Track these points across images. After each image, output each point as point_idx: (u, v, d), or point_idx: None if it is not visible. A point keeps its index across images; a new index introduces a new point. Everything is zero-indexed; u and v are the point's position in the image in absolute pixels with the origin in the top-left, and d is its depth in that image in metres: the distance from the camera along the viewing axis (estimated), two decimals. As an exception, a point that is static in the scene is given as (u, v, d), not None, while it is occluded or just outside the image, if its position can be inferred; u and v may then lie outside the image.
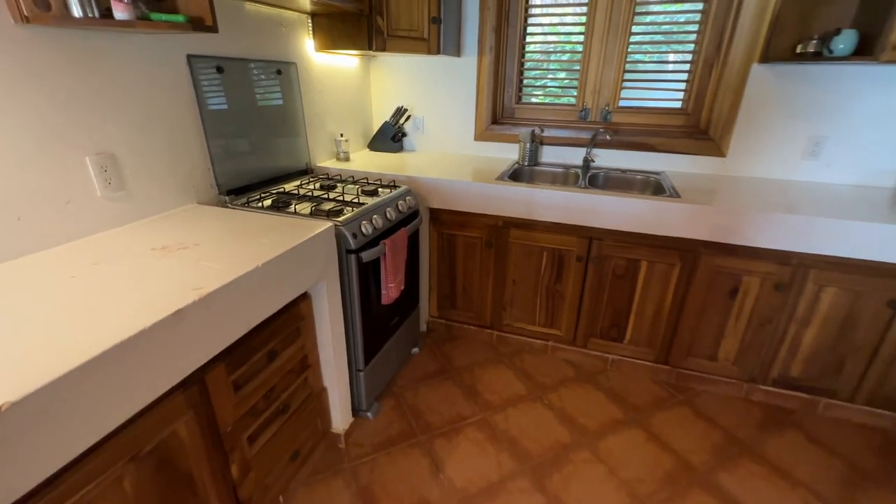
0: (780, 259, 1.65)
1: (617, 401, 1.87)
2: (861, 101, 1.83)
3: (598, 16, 2.13)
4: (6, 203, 1.03)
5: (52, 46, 1.07)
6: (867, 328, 1.64)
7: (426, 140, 2.59)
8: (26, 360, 0.69)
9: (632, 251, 1.84)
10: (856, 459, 1.60)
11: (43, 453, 0.67)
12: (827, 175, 1.97)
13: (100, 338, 0.75)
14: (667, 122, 2.21)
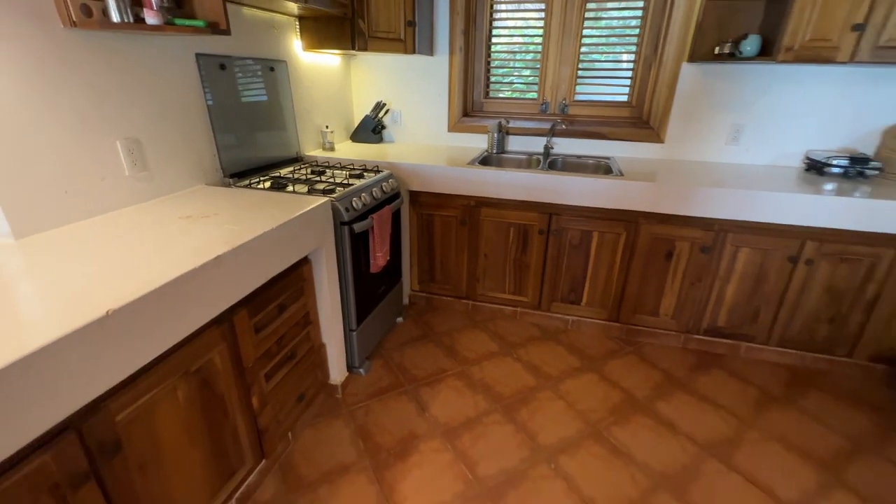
0: (705, 225, 1.98)
1: (575, 353, 2.17)
2: (770, 95, 2.19)
3: (554, 21, 2.42)
4: (56, 179, 1.22)
5: (90, 47, 1.26)
6: (774, 281, 2.00)
7: (404, 132, 2.83)
8: (115, 286, 0.91)
9: (585, 224, 2.14)
10: (767, 388, 1.95)
11: (132, 352, 0.89)
12: (746, 157, 2.33)
13: (165, 272, 0.97)
14: (615, 113, 2.53)
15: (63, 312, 0.81)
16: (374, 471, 1.51)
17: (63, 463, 0.81)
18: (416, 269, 2.53)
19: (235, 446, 1.30)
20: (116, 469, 0.93)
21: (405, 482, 1.47)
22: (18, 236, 1.15)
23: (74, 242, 1.15)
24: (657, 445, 1.64)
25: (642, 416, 1.78)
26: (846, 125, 2.17)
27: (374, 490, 1.44)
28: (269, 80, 1.99)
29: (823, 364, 2.08)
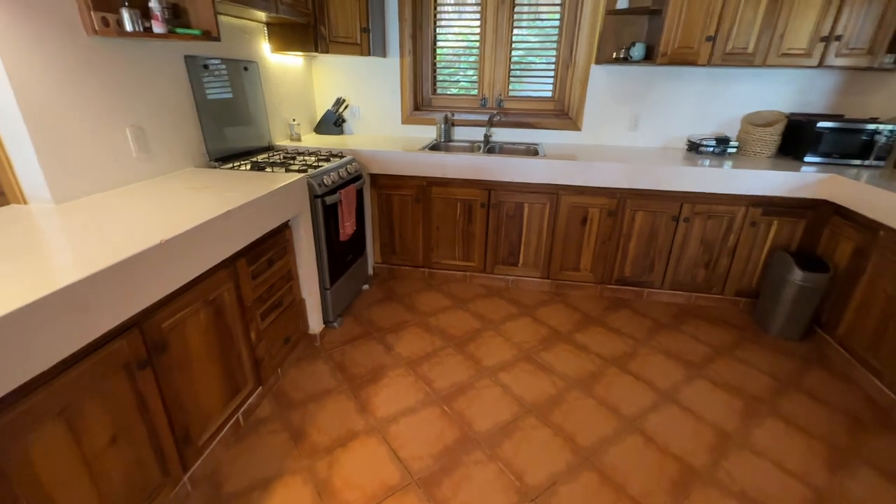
0: (610, 194, 2.50)
1: (514, 304, 2.63)
2: (656, 90, 2.75)
3: (488, 28, 2.87)
4: (81, 158, 1.50)
5: (106, 51, 1.55)
6: (663, 237, 2.54)
7: (362, 124, 3.19)
8: (156, 230, 1.24)
9: (518, 197, 2.60)
10: (659, 320, 2.49)
11: (172, 275, 1.22)
12: (643, 141, 2.89)
13: (191, 220, 1.30)
14: (541, 106, 3.02)
15: (128, 243, 1.14)
16: (351, 391, 1.89)
17: (132, 349, 1.14)
18: (377, 244, 2.90)
19: (240, 368, 1.64)
20: (163, 364, 1.25)
21: (377, 397, 1.86)
22: (58, 202, 1.44)
23: (106, 206, 1.44)
24: (573, 361, 2.12)
25: (564, 343, 2.26)
26: (715, 114, 2.76)
27: (353, 404, 1.82)
28: (244, 79, 2.30)
29: (703, 301, 2.66)
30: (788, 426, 1.75)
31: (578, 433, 1.69)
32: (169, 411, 1.29)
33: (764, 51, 2.32)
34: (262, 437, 1.65)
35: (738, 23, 2.28)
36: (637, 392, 1.92)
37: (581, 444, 1.64)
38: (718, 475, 1.52)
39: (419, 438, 1.65)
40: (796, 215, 2.36)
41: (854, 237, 2.10)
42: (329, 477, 1.49)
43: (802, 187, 2.29)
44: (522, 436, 1.67)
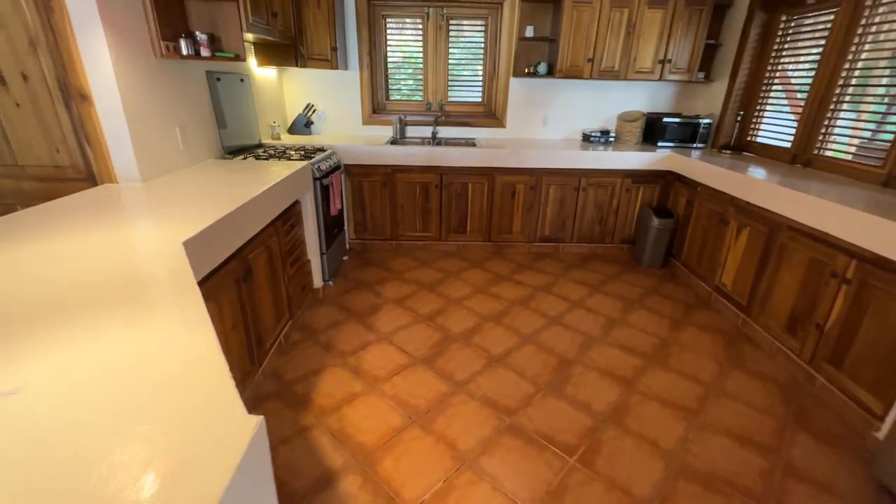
0: (530, 173, 3.37)
1: (466, 261, 3.42)
2: (559, 97, 3.70)
3: (429, 46, 3.63)
4: (152, 149, 2.01)
5: (164, 69, 2.06)
6: (569, 203, 3.48)
7: (328, 126, 3.79)
8: (231, 197, 1.82)
9: (463, 178, 3.39)
10: (570, 263, 3.42)
11: (249, 225, 1.81)
12: (551, 134, 3.83)
13: (253, 191, 1.90)
14: (475, 109, 3.85)
15: (221, 204, 1.72)
16: (358, 320, 2.53)
17: (238, 269, 1.72)
18: (351, 223, 3.52)
19: (280, 301, 2.22)
20: (250, 283, 1.84)
21: (379, 322, 2.52)
22: (143, 180, 1.94)
23: (178, 183, 1.97)
24: (513, 291, 2.94)
25: (506, 281, 3.08)
26: (599, 113, 3.78)
27: (362, 327, 2.47)
28: (242, 88, 2.83)
29: (600, 249, 3.65)
30: (651, 312, 2.72)
31: (523, 327, 2.50)
32: (254, 317, 1.87)
33: (625, 69, 3.34)
34: (301, 350, 2.25)
35: (607, 49, 3.28)
36: (557, 304, 2.79)
37: (524, 332, 2.45)
38: (607, 338, 2.41)
39: (415, 341, 2.36)
40: (653, 182, 3.42)
41: (686, 193, 3.16)
42: (358, 365, 2.14)
43: (656, 163, 3.34)
44: (485, 332, 2.45)
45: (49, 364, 0.73)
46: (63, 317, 0.88)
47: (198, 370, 0.73)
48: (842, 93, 2.51)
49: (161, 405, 0.65)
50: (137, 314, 0.89)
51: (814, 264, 2.06)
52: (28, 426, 0.60)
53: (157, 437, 0.59)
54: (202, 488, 0.51)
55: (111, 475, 0.53)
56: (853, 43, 2.43)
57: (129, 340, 0.80)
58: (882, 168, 2.27)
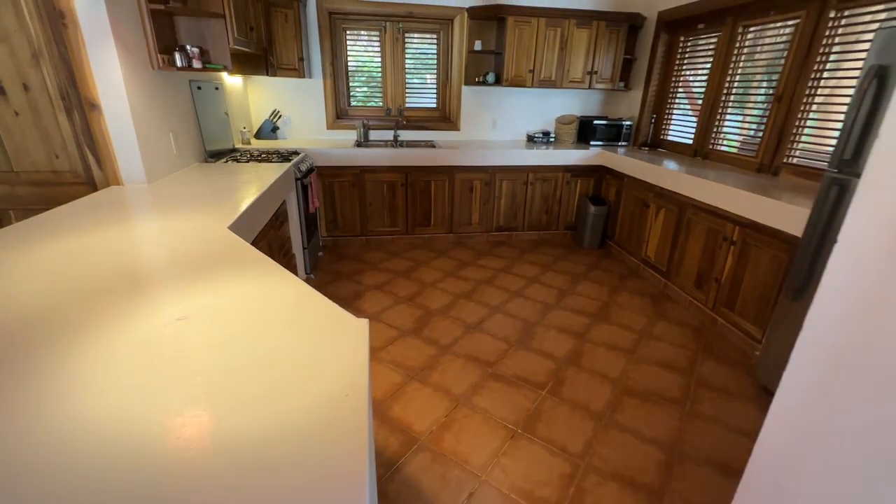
0: (485, 171, 3.81)
1: (433, 251, 3.78)
2: (506, 102, 4.18)
3: (387, 57, 3.96)
4: (153, 153, 2.17)
5: (160, 79, 2.23)
6: (519, 196, 3.96)
7: (293, 131, 3.99)
8: (238, 192, 2.05)
9: (426, 177, 3.75)
10: (524, 249, 3.90)
11: (264, 215, 2.06)
12: (500, 136, 4.31)
13: (254, 188, 2.14)
14: (431, 114, 4.23)
15: (242, 196, 1.95)
16: (346, 305, 2.78)
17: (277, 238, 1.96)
18: (324, 221, 3.76)
19: (278, 290, 2.45)
20: (259, 270, 2.07)
21: (365, 305, 2.82)
22: (149, 182, 2.10)
23: (182, 183, 2.15)
24: (477, 273, 3.35)
25: (471, 266, 3.49)
26: (541, 117, 4.31)
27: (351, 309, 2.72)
28: (217, 96, 2.99)
29: (548, 235, 4.17)
30: (593, 283, 3.24)
31: (491, 301, 2.91)
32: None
33: (560, 79, 3.88)
34: (298, 333, 2.49)
35: (544, 62, 3.80)
36: (517, 281, 3.24)
37: (493, 305, 2.86)
38: (561, 304, 2.89)
39: (401, 318, 2.68)
40: (588, 175, 3.99)
41: (615, 184, 3.76)
42: (354, 340, 2.43)
43: (589, 159, 3.91)
44: (460, 307, 2.83)
45: (198, 303, 1.00)
46: (191, 276, 1.14)
47: (305, 300, 1.03)
48: (726, 99, 3.19)
49: (295, 321, 0.95)
50: (241, 273, 1.17)
51: (711, 233, 2.66)
52: (194, 339, 0.89)
53: (305, 340, 0.90)
54: (356, 361, 0.84)
55: (277, 367, 0.84)
56: (732, 61, 3.12)
57: (245, 288, 1.09)
58: (756, 158, 2.94)
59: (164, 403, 0.69)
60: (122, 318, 0.94)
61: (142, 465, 0.58)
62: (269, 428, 0.65)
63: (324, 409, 0.69)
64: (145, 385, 0.74)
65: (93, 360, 0.79)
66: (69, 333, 0.88)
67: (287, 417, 0.67)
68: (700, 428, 1.86)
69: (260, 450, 0.61)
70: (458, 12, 3.83)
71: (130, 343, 0.85)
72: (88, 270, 1.17)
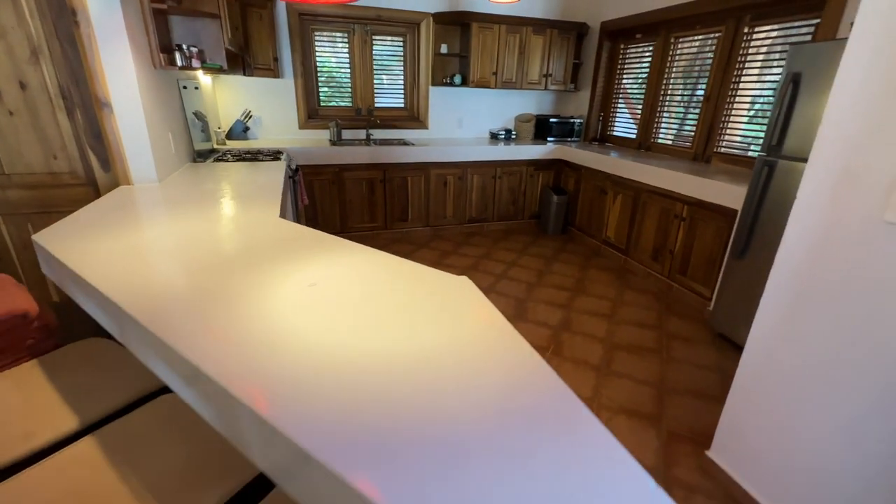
0: (457, 166, 4.07)
1: (413, 244, 3.97)
2: (471, 102, 4.47)
3: (356, 59, 4.08)
4: (160, 153, 2.16)
5: (160, 78, 2.22)
6: (489, 189, 4.27)
7: (264, 131, 3.97)
8: (253, 184, 2.13)
9: (403, 173, 3.93)
10: (496, 238, 4.21)
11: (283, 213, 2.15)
12: (466, 134, 4.59)
13: (271, 187, 2.22)
14: (400, 114, 4.40)
15: (265, 193, 2.03)
16: (346, 297, 2.92)
17: (278, 248, 2.05)
18: (303, 219, 3.79)
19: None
20: (281, 262, 2.16)
21: (364, 295, 2.95)
22: (160, 181, 2.10)
23: (192, 182, 2.17)
24: (460, 262, 3.60)
25: (453, 255, 3.73)
26: (503, 116, 4.66)
27: (351, 301, 2.87)
28: (197, 96, 2.96)
29: (515, 225, 4.53)
30: (564, 264, 3.63)
31: (480, 284, 3.17)
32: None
33: (520, 81, 4.24)
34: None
35: (506, 65, 4.14)
36: (498, 266, 3.53)
37: (483, 286, 3.13)
38: (542, 283, 3.23)
39: (402, 303, 2.85)
40: (548, 168, 4.40)
41: (573, 175, 4.19)
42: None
43: (548, 153, 4.32)
44: (454, 291, 3.06)
45: (316, 274, 1.15)
46: (289, 256, 1.26)
47: (402, 265, 1.22)
48: (663, 99, 3.73)
49: (405, 281, 1.14)
50: (330, 250, 1.32)
51: (663, 212, 3.14)
52: (331, 298, 1.05)
53: (420, 292, 1.10)
54: (477, 301, 1.05)
55: (412, 312, 1.04)
56: (667, 66, 3.65)
57: (346, 260, 1.25)
58: (691, 149, 3.49)
59: (337, 331, 0.87)
60: (264, 286, 1.08)
61: (341, 368, 0.76)
62: (443, 346, 0.85)
63: (474, 336, 0.90)
64: (317, 321, 0.90)
65: (269, 306, 0.94)
66: (236, 289, 1.00)
67: (446, 342, 0.88)
68: (676, 368, 2.27)
69: (453, 362, 0.81)
70: (425, 17, 4.05)
71: (284, 298, 1.00)
72: (201, 253, 1.26)
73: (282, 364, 0.78)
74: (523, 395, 0.73)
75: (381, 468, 0.58)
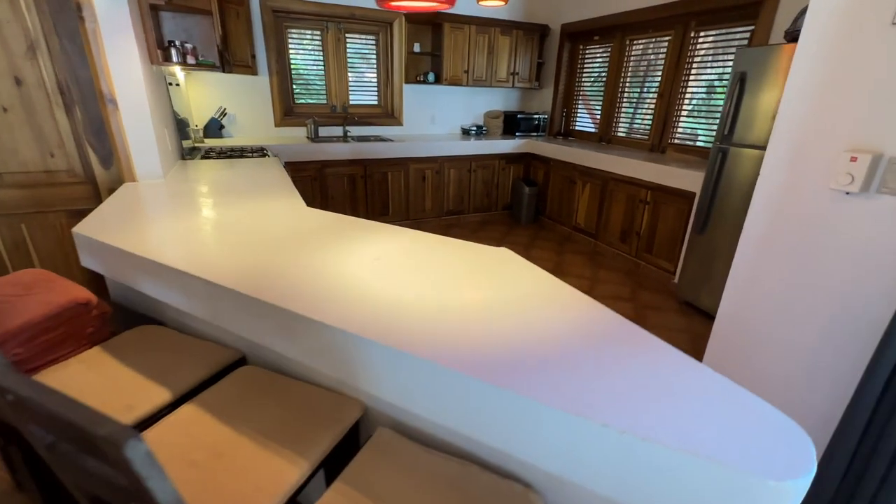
0: (435, 161, 4.23)
1: (396, 236, 4.08)
2: (443, 99, 4.64)
3: (330, 57, 4.12)
4: (162, 151, 2.16)
5: (154, 74, 2.21)
6: (464, 182, 4.47)
7: (239, 129, 3.92)
8: (258, 178, 2.19)
9: (383, 169, 4.03)
10: (473, 228, 4.42)
11: (291, 202, 2.22)
12: (439, 130, 4.76)
13: (279, 183, 2.28)
14: (374, 111, 4.49)
15: (277, 188, 2.10)
16: (343, 288, 3.01)
17: (291, 239, 2.13)
18: (286, 217, 3.80)
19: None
20: (292, 253, 2.23)
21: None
22: (165, 177, 2.10)
23: (188, 179, 2.19)
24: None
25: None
26: (473, 112, 4.87)
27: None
28: (178, 93, 2.92)
29: (490, 216, 4.76)
30: (541, 249, 3.90)
31: (467, 271, 3.36)
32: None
33: (490, 79, 4.47)
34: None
35: (476, 64, 4.35)
36: (481, 254, 3.74)
37: (471, 273, 3.32)
38: (525, 267, 3.47)
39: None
40: (518, 161, 4.67)
41: (542, 167, 4.49)
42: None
43: (518, 147, 4.58)
44: (445, 278, 3.23)
45: (376, 250, 1.28)
46: (342, 237, 1.37)
47: (446, 243, 1.38)
48: (620, 96, 4.09)
49: (454, 255, 1.30)
50: (377, 233, 1.45)
51: (629, 198, 3.48)
52: (397, 268, 1.20)
53: (470, 262, 1.26)
54: (521, 264, 1.23)
55: (472, 276, 1.21)
56: (623, 66, 4.01)
57: (394, 239, 1.38)
58: (648, 140, 3.87)
59: (414, 287, 1.02)
60: (337, 262, 1.20)
61: (439, 317, 0.93)
62: (515, 296, 1.02)
63: (535, 287, 1.09)
64: (393, 281, 1.05)
65: (351, 273, 1.07)
66: (314, 265, 1.12)
67: (515, 293, 1.05)
68: (655, 333, 2.57)
69: (528, 306, 0.99)
70: (397, 16, 4.16)
71: (359, 268, 1.13)
72: (258, 236, 1.34)
73: (398, 317, 0.92)
74: (594, 324, 0.93)
75: (517, 377, 0.75)
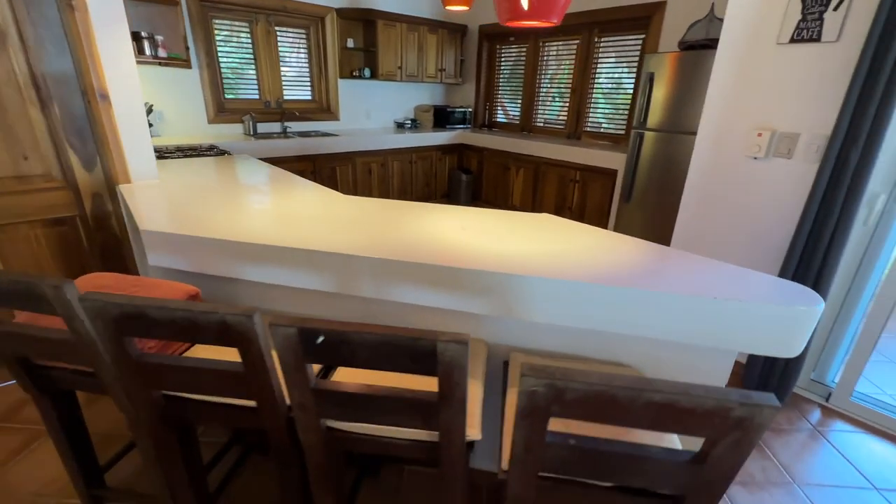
0: (379, 154, 4.37)
1: (351, 230, 4.16)
2: (378, 94, 4.77)
3: (261, 50, 3.99)
4: (145, 147, 2.03)
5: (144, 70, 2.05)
6: (407, 174, 4.69)
7: (167, 127, 3.60)
8: (235, 179, 2.21)
9: (332, 163, 4.06)
10: (421, 216, 4.68)
11: (296, 196, 2.27)
12: (374, 124, 4.89)
13: (281, 179, 2.30)
14: (310, 106, 4.45)
15: (280, 183, 2.14)
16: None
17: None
18: (236, 218, 3.63)
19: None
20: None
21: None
22: (159, 179, 1.99)
23: (179, 176, 2.11)
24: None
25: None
26: (406, 106, 5.08)
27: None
28: (120, 87, 2.65)
29: (430, 204, 5.05)
30: (488, 230, 4.33)
31: (435, 253, 3.64)
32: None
33: (421, 74, 4.73)
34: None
35: (408, 60, 4.57)
36: (438, 239, 4.03)
37: (439, 255, 3.60)
38: (482, 245, 3.86)
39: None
40: (452, 152, 5.04)
41: (475, 156, 4.92)
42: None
43: (451, 139, 4.94)
44: (418, 261, 3.46)
45: (457, 224, 1.52)
46: (419, 216, 1.56)
47: (500, 214, 1.67)
48: (538, 90, 4.70)
49: (519, 222, 1.60)
50: (444, 211, 1.66)
51: (561, 178, 4.08)
52: (481, 235, 1.47)
53: (538, 229, 1.58)
54: (573, 228, 1.59)
55: (549, 241, 1.53)
56: (539, 64, 4.61)
57: (461, 215, 1.62)
58: (565, 129, 4.53)
59: (518, 245, 1.32)
60: (433, 232, 1.41)
61: (549, 262, 1.25)
62: (585, 244, 1.37)
63: (597, 237, 1.45)
64: (498, 242, 1.33)
65: (454, 238, 1.31)
66: (414, 233, 1.32)
67: (584, 242, 1.41)
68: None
69: (595, 250, 1.35)
70: (328, 11, 4.18)
71: (454, 235, 1.38)
72: (334, 219, 1.46)
73: (528, 264, 1.21)
74: (660, 252, 1.32)
75: (634, 281, 1.11)
